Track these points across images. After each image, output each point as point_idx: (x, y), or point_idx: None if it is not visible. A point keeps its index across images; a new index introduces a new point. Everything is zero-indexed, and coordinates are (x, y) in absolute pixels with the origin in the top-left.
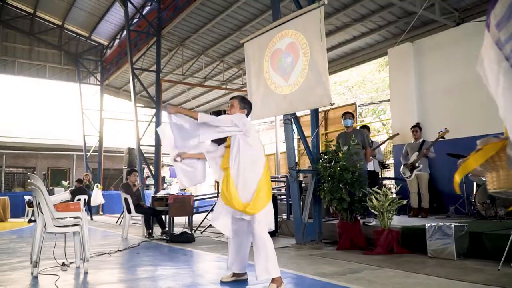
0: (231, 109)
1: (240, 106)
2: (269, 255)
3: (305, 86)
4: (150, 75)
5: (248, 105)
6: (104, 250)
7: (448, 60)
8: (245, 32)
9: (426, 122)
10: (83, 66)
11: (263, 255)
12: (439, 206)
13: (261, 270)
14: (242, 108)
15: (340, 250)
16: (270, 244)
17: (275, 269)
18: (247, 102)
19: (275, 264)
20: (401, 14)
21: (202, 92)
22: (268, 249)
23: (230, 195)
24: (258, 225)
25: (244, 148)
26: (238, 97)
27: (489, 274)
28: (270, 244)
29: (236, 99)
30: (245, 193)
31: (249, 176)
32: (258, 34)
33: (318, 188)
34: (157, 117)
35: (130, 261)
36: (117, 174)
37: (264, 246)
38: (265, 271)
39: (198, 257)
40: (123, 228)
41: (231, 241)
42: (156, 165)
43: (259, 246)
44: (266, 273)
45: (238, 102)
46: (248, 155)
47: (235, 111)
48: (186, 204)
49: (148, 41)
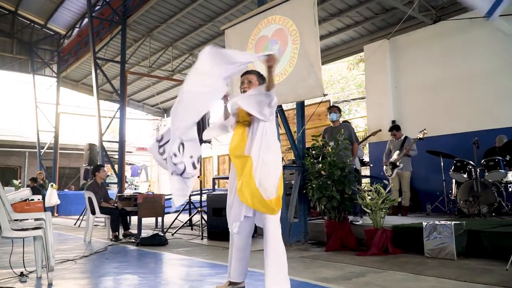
0: (250, 86)
1: (259, 83)
2: (282, 264)
3: (294, 76)
4: (113, 67)
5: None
6: (67, 256)
7: (425, 58)
8: (218, 24)
9: (402, 119)
10: (37, 56)
11: (275, 265)
12: (416, 204)
13: (273, 281)
14: (260, 85)
15: (329, 252)
16: (284, 251)
17: (286, 280)
18: (264, 78)
19: (286, 275)
20: (379, 10)
21: (169, 86)
22: (282, 256)
23: (250, 189)
24: (276, 228)
25: (270, 135)
26: (255, 72)
27: (500, 274)
28: (284, 251)
29: (254, 74)
30: (268, 186)
31: (273, 168)
32: (241, 20)
33: (305, 186)
34: (121, 111)
35: (100, 269)
36: (74, 173)
37: (278, 253)
38: (277, 283)
39: (176, 262)
40: (86, 231)
41: (236, 244)
42: (120, 163)
43: (273, 252)
44: (278, 285)
45: (256, 77)
46: (273, 144)
47: None
48: (157, 204)
49: (112, 30)
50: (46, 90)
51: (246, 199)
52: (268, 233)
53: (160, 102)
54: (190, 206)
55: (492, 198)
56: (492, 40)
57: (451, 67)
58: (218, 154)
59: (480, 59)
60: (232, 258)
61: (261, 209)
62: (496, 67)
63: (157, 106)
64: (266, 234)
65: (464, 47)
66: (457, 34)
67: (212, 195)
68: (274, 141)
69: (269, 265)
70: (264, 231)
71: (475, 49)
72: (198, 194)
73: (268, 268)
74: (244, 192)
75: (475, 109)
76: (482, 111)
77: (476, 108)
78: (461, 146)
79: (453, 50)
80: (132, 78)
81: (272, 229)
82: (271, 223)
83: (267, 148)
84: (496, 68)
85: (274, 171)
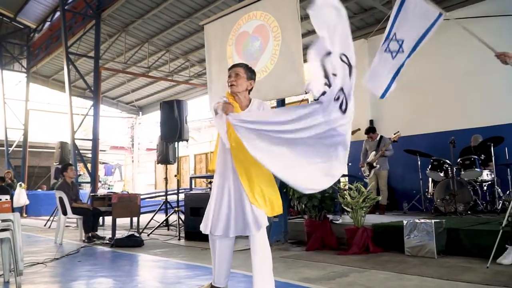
0: (237, 80)
1: (247, 76)
2: (270, 269)
3: (276, 73)
4: (86, 63)
5: (255, 76)
6: (37, 259)
7: None
8: (196, 20)
9: (379, 119)
10: (6, 51)
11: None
12: (393, 202)
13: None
14: (249, 79)
15: (310, 251)
16: (270, 254)
17: (272, 280)
18: (254, 72)
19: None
20: (357, 10)
21: (145, 83)
22: (269, 261)
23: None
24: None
25: None
26: (243, 65)
27: (482, 272)
28: (270, 254)
29: (242, 67)
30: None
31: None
32: (221, 15)
33: (285, 185)
34: (95, 108)
35: (72, 272)
36: (44, 172)
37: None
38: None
39: (153, 264)
40: (57, 232)
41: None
42: (94, 162)
43: (261, 257)
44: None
45: (244, 70)
46: None
47: (242, 82)
48: (132, 204)
49: (85, 25)
50: (15, 85)
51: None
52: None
53: (135, 100)
54: (166, 205)
55: (468, 196)
56: (467, 42)
57: (428, 67)
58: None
59: (455, 60)
60: (216, 261)
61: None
62: (471, 68)
63: (132, 103)
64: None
65: (440, 48)
66: (434, 34)
67: (190, 194)
68: None
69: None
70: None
71: (451, 50)
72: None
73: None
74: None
75: (451, 109)
76: (458, 111)
77: (452, 108)
78: (437, 145)
79: (429, 50)
80: (106, 74)
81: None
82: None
83: None
84: (471, 69)
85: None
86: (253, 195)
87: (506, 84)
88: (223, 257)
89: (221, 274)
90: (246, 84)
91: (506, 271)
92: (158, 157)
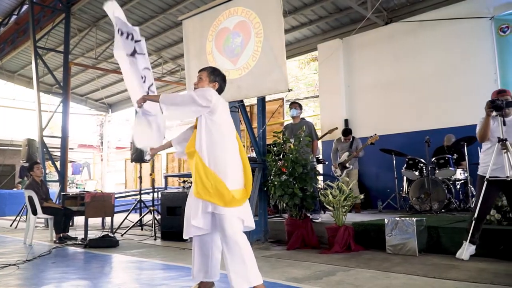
0: (199, 83)
1: (209, 79)
2: (247, 259)
3: (257, 70)
4: (55, 58)
5: (220, 78)
6: (7, 261)
7: (376, 58)
8: (169, 16)
9: (354, 118)
10: None
11: (239, 261)
12: (367, 201)
13: (239, 279)
14: (212, 82)
15: (291, 250)
16: (245, 246)
17: (256, 276)
18: (219, 75)
19: (256, 270)
20: (333, 9)
21: (116, 80)
22: (244, 252)
23: (202, 183)
24: (230, 223)
25: (212, 127)
26: (208, 68)
27: (466, 270)
28: (245, 246)
29: (205, 70)
30: (230, 175)
31: (220, 158)
32: (201, 11)
33: (265, 183)
34: (64, 105)
35: (47, 274)
36: (9, 171)
37: (239, 250)
38: (244, 280)
39: (131, 265)
40: (26, 232)
41: (197, 241)
42: (63, 160)
43: (232, 250)
44: (246, 282)
45: (207, 74)
46: (219, 141)
47: (204, 85)
48: (106, 203)
49: (54, 18)
50: None
51: (197, 191)
52: (224, 229)
53: (105, 97)
54: (140, 205)
55: (442, 195)
56: (441, 42)
57: (402, 67)
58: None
59: (429, 60)
60: (195, 256)
61: (212, 199)
62: (444, 69)
63: (102, 101)
64: (222, 229)
65: (414, 48)
66: (407, 36)
67: (166, 193)
68: (220, 137)
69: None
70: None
71: (425, 51)
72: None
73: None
74: (198, 184)
75: (425, 108)
76: (432, 110)
77: (426, 107)
78: (412, 144)
79: (404, 51)
80: (75, 70)
81: (227, 223)
82: (225, 217)
83: (212, 144)
84: (444, 69)
85: (231, 162)
86: (196, 191)
87: (477, 85)
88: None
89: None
90: (209, 86)
91: (490, 268)
92: (132, 155)
